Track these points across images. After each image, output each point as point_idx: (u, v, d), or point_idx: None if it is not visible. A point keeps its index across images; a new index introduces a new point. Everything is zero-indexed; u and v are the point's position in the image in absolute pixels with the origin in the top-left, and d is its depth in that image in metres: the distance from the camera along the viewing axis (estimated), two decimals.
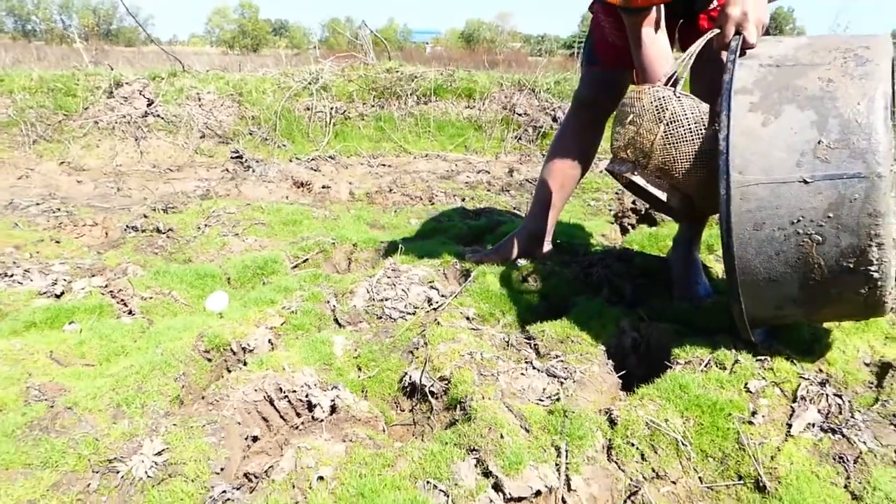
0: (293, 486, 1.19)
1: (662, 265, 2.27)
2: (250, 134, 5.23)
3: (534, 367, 1.58)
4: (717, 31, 1.56)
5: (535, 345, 1.75)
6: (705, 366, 1.56)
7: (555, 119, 5.49)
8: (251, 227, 2.83)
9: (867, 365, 1.66)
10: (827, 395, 1.49)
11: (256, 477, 1.28)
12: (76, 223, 3.01)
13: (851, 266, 1.33)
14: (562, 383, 1.53)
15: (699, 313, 1.84)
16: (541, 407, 1.43)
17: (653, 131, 1.54)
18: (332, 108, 5.45)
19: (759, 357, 1.58)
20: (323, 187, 3.88)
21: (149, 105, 5.26)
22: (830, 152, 1.30)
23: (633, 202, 3.15)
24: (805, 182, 1.31)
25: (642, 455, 1.35)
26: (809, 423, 1.41)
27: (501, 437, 1.27)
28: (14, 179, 4.31)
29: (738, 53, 1.46)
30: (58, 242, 2.72)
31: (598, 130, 2.22)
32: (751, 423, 1.40)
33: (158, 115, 5.18)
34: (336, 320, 1.90)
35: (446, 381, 1.51)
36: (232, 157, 4.90)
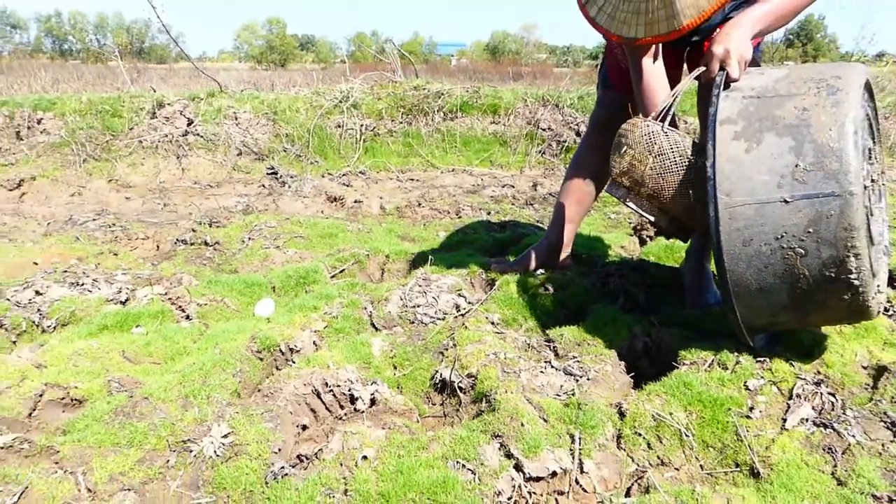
0: (341, 465, 1.38)
1: (676, 275, 2.43)
2: (284, 151, 5.49)
3: (552, 367, 1.75)
4: (703, 68, 1.72)
5: (553, 347, 1.92)
6: (708, 366, 1.71)
7: (578, 133, 5.66)
8: (291, 241, 3.04)
9: (864, 368, 1.79)
10: (821, 394, 1.63)
11: (308, 458, 1.47)
12: (130, 237, 3.25)
13: (833, 275, 1.49)
14: (577, 381, 1.70)
15: (707, 319, 2.00)
16: (557, 401, 1.60)
17: (643, 162, 1.72)
18: (362, 126, 5.68)
19: (759, 359, 1.73)
20: (355, 202, 4.10)
21: (189, 124, 5.54)
22: (807, 174, 1.46)
23: None
24: (786, 202, 1.47)
25: (649, 444, 1.52)
26: (803, 418, 1.56)
27: (522, 425, 1.45)
28: (67, 196, 4.60)
29: (721, 88, 1.63)
30: (115, 255, 2.96)
31: None
32: (748, 417, 1.56)
33: (198, 134, 5.46)
34: (373, 324, 2.09)
35: (473, 378, 1.69)
36: (268, 174, 5.16)
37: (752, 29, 1.72)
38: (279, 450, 1.46)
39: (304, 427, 1.64)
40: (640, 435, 1.52)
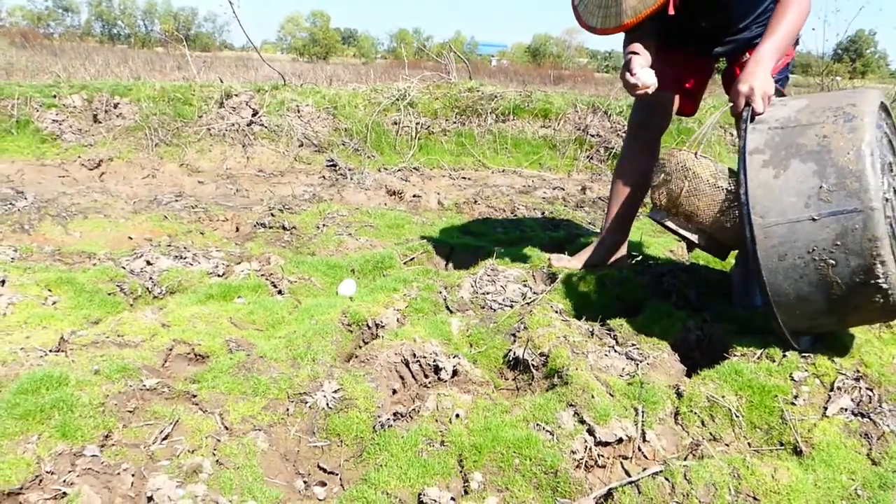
0: (437, 420, 1.60)
1: (724, 277, 2.60)
2: (343, 144, 5.75)
3: (615, 351, 1.96)
4: (731, 104, 1.94)
5: (614, 335, 2.12)
6: (757, 358, 1.90)
7: None
8: (361, 229, 3.28)
9: None
10: (860, 388, 1.81)
11: (403, 416, 1.69)
12: (211, 218, 3.53)
13: (863, 281, 1.67)
14: (637, 364, 1.91)
15: (755, 317, 2.17)
16: (621, 379, 1.80)
17: (679, 186, 1.96)
18: (417, 124, 5.92)
19: (803, 354, 1.91)
20: (414, 196, 4.33)
21: (254, 115, 5.83)
22: (831, 194, 1.65)
23: None
24: (814, 219, 1.67)
25: (703, 421, 1.71)
26: (843, 408, 1.74)
27: (592, 397, 1.65)
28: (142, 178, 4.92)
29: (748, 122, 1.83)
30: (202, 234, 3.24)
31: (654, 150, 2.55)
32: (793, 404, 1.74)
33: (262, 125, 5.74)
34: (447, 307, 2.31)
35: (545, 357, 1.90)
36: (327, 166, 5.42)
37: (772, 61, 1.94)
38: (380, 406, 1.69)
39: (394, 391, 1.87)
40: (695, 413, 1.72)
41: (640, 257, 2.80)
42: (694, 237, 2.03)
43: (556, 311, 2.25)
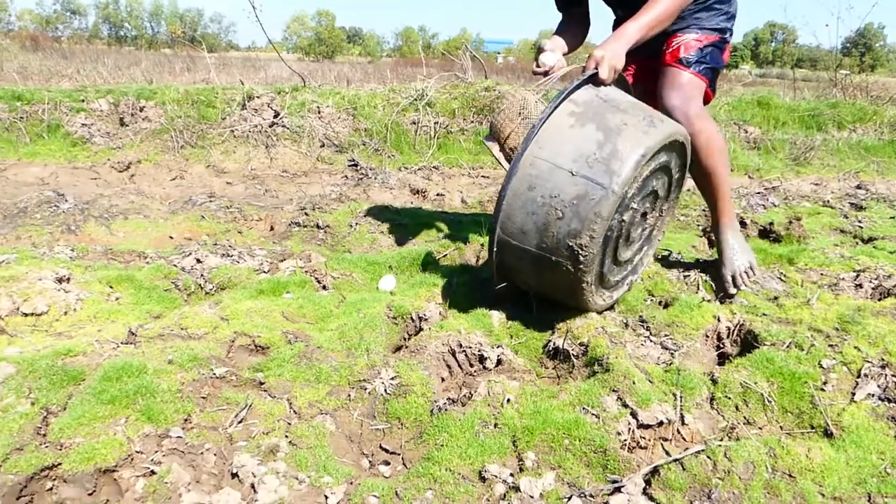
0: (489, 405, 1.71)
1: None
2: (363, 144, 5.87)
3: (650, 341, 2.06)
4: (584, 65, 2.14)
5: (647, 326, 2.22)
6: (787, 347, 2.00)
7: None
8: (393, 227, 3.40)
9: None
10: (886, 375, 1.91)
11: (456, 401, 1.81)
12: (246, 218, 3.65)
13: (571, 244, 1.88)
14: (672, 354, 2.01)
15: (783, 309, 2.28)
16: (658, 367, 1.91)
17: (513, 121, 2.16)
18: (436, 123, 6.03)
19: (831, 344, 2.01)
20: (437, 195, 4.44)
21: (275, 116, 5.96)
22: (596, 163, 1.85)
23: None
24: (572, 174, 1.87)
25: (737, 406, 1.82)
26: (870, 393, 1.84)
27: (633, 383, 1.76)
28: (170, 180, 5.05)
29: (586, 78, 2.02)
30: (240, 233, 3.36)
31: None
32: (822, 389, 1.84)
33: (284, 126, 5.87)
34: (486, 300, 2.42)
35: (584, 346, 2.01)
36: (349, 165, 5.54)
37: (629, 42, 2.10)
38: (435, 392, 1.80)
39: (443, 379, 1.98)
40: (729, 398, 1.82)
41: (666, 252, 2.90)
42: (506, 163, 2.23)
43: None
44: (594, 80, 2.05)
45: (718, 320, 2.24)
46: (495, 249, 2.05)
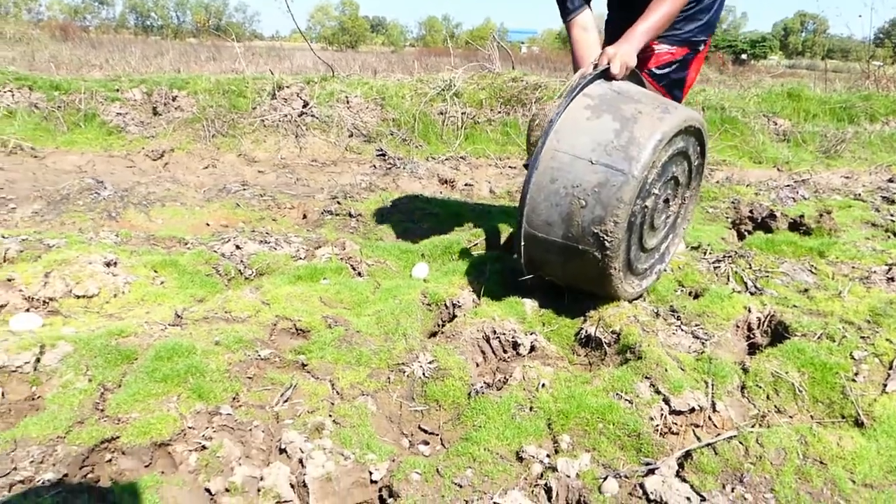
0: (524, 389, 1.77)
1: (778, 262, 2.71)
2: (391, 134, 5.92)
3: (681, 330, 2.10)
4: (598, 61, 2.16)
5: (678, 316, 2.25)
6: (818, 338, 2.02)
7: None
8: (424, 216, 3.45)
9: None
10: None
11: (492, 385, 1.86)
12: (279, 206, 3.73)
13: (596, 231, 1.91)
14: (703, 343, 2.05)
15: (813, 301, 2.29)
16: (690, 355, 1.95)
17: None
18: (463, 113, 6.06)
19: (863, 335, 2.03)
20: (466, 185, 4.49)
21: (304, 106, 6.03)
22: (614, 151, 1.89)
23: (751, 211, 3.57)
24: (591, 163, 1.91)
25: (768, 395, 1.84)
26: None
27: (666, 370, 1.80)
28: (202, 168, 5.15)
29: (597, 72, 2.07)
30: (275, 220, 3.44)
31: None
32: (853, 380, 1.86)
33: (313, 115, 5.94)
34: (516, 289, 2.46)
35: (616, 334, 2.05)
36: (377, 155, 5.60)
37: (639, 43, 2.19)
38: (471, 376, 1.86)
39: (477, 364, 2.04)
40: (760, 387, 1.85)
41: (696, 244, 2.92)
42: None
43: None
44: (606, 75, 2.10)
45: (749, 311, 2.26)
46: (522, 243, 2.10)
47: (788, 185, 4.76)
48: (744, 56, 42.88)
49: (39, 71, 7.71)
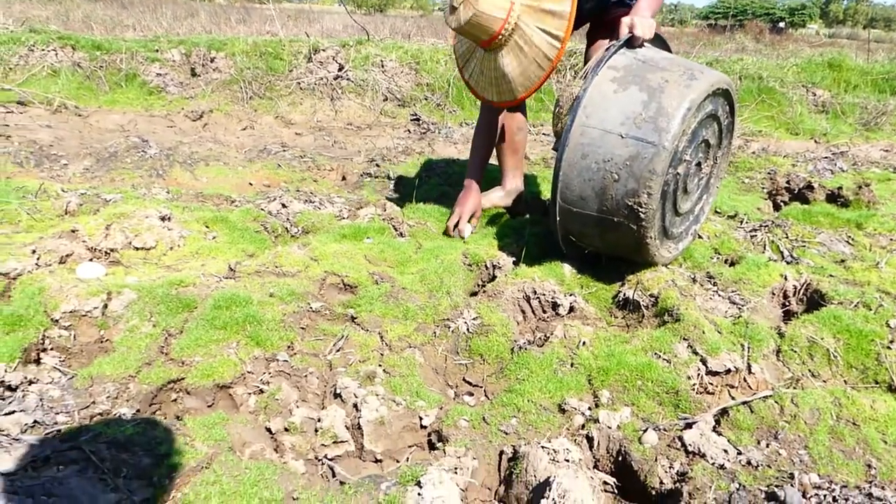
0: (565, 347, 1.84)
1: (815, 232, 2.73)
2: (426, 99, 5.94)
3: (718, 295, 2.14)
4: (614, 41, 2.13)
5: (715, 282, 2.30)
6: (854, 306, 2.05)
7: None
8: (460, 180, 3.49)
9: None
10: None
11: (532, 342, 1.93)
12: (319, 167, 3.80)
13: (630, 204, 1.94)
14: (739, 308, 2.09)
15: (850, 272, 2.32)
16: (727, 319, 1.99)
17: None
18: None
19: None
20: None
21: (340, 70, 6.07)
22: (644, 123, 1.90)
23: (788, 182, 3.56)
24: (622, 136, 1.92)
25: (802, 360, 1.89)
26: None
27: (703, 332, 1.85)
28: (240, 129, 5.23)
29: (622, 45, 2.06)
30: (315, 181, 3.52)
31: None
32: (888, 348, 1.90)
33: (349, 79, 5.98)
34: (556, 252, 2.52)
35: (654, 297, 2.10)
36: (411, 120, 5.63)
37: (647, 13, 2.21)
38: (514, 332, 1.93)
39: (518, 323, 2.11)
40: (795, 352, 1.90)
41: (733, 214, 2.94)
42: None
43: None
44: (630, 44, 2.11)
45: (785, 279, 2.29)
46: (558, 218, 2.14)
47: (826, 157, 4.71)
48: (781, 24, 41.58)
49: (73, 30, 7.82)
